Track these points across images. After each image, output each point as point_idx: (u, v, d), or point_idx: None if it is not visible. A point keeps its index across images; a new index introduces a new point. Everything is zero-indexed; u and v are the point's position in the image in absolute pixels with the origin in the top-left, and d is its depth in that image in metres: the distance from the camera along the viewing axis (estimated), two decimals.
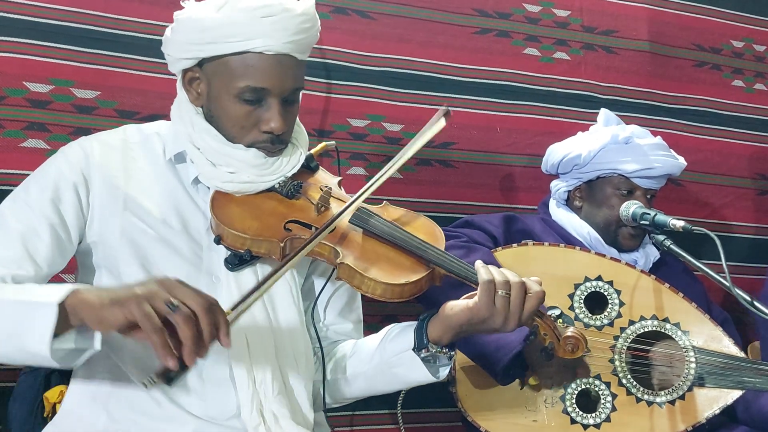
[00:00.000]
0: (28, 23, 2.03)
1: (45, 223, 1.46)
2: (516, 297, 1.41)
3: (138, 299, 1.17)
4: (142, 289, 1.19)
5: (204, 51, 1.49)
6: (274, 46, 1.46)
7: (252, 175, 1.52)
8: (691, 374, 1.91)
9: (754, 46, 2.92)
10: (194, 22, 1.49)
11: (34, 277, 1.44)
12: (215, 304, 1.22)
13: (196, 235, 1.53)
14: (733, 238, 2.78)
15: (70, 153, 1.54)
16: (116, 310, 1.18)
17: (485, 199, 2.49)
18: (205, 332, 1.18)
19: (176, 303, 1.17)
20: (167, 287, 1.20)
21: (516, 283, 1.42)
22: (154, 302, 1.17)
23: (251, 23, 1.45)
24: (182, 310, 1.17)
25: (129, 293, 1.19)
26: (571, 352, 1.47)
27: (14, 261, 1.42)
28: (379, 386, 1.59)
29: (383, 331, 1.58)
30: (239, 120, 1.51)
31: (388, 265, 1.48)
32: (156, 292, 1.18)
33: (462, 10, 2.52)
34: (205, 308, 1.19)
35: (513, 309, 1.41)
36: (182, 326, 1.17)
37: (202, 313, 1.18)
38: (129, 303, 1.17)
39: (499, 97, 2.53)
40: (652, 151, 2.19)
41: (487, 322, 1.43)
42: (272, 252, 1.48)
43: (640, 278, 2.01)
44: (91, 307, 1.20)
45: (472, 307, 1.43)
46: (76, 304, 1.21)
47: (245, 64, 1.47)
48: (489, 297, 1.41)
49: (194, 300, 1.19)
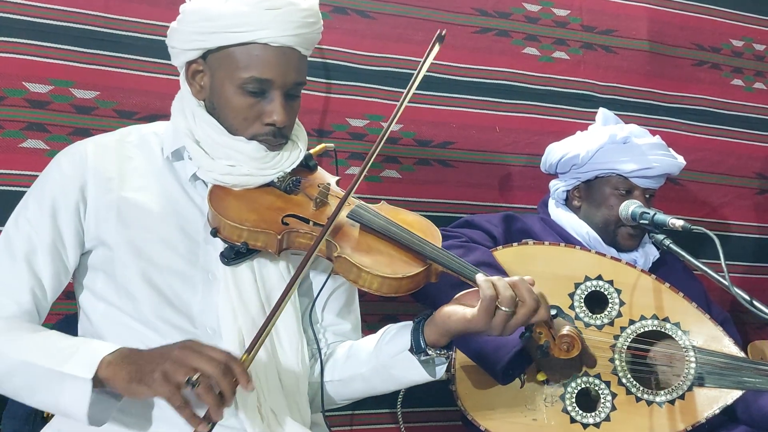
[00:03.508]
0: (28, 23, 2.03)
1: (47, 241, 1.48)
2: (520, 316, 1.41)
3: (161, 378, 1.24)
4: (163, 367, 1.25)
5: (209, 41, 1.50)
6: (279, 38, 1.48)
7: (252, 168, 1.53)
8: (691, 374, 1.91)
9: (754, 45, 2.92)
10: (200, 12, 1.50)
11: (44, 303, 1.50)
12: (230, 362, 1.27)
13: (192, 232, 1.53)
14: (733, 238, 2.78)
15: (65, 163, 1.54)
16: (144, 389, 1.26)
17: (484, 198, 2.50)
18: (226, 392, 1.25)
19: (194, 378, 1.23)
20: (182, 360, 1.25)
21: (528, 308, 1.40)
22: (176, 379, 1.24)
23: (257, 14, 1.47)
24: (201, 385, 1.23)
25: (152, 369, 1.25)
26: (566, 351, 1.47)
27: (27, 290, 1.47)
28: (376, 387, 1.59)
29: (379, 333, 1.58)
30: (242, 111, 1.51)
31: (385, 260, 1.48)
32: (173, 371, 1.24)
33: (461, 10, 2.52)
34: (222, 372, 1.24)
35: (513, 324, 1.42)
36: (205, 397, 1.24)
37: (220, 377, 1.24)
38: (153, 384, 1.24)
39: (499, 96, 2.53)
40: (651, 150, 2.19)
41: (484, 333, 1.44)
42: (269, 245, 1.49)
43: (640, 278, 2.00)
44: (121, 382, 1.28)
45: (470, 319, 1.42)
46: (108, 377, 1.29)
47: (250, 54, 1.48)
48: (488, 314, 1.40)
49: (210, 366, 1.24)
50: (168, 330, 1.47)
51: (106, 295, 1.50)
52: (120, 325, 1.48)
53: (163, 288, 1.49)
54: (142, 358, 1.29)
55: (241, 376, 1.26)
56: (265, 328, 1.34)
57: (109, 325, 1.49)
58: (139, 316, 1.48)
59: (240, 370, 1.27)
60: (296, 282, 1.39)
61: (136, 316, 1.48)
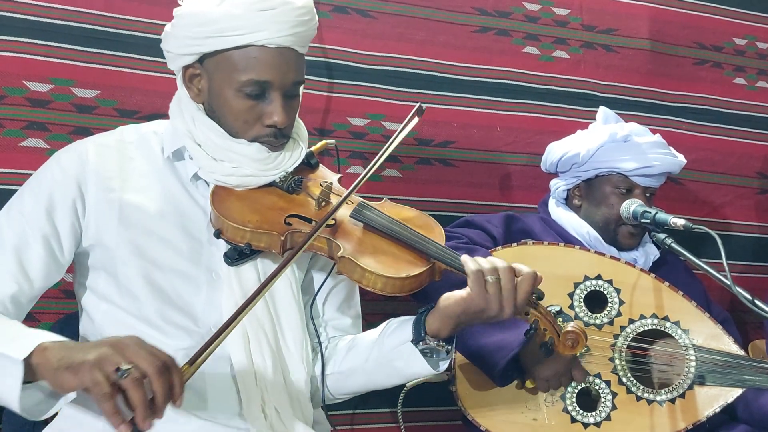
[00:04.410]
0: (28, 23, 2.04)
1: (39, 234, 1.47)
2: (506, 281, 1.41)
3: (90, 365, 1.15)
4: (95, 354, 1.16)
5: (205, 46, 1.49)
6: (275, 38, 1.47)
7: (254, 168, 1.53)
8: (692, 372, 1.91)
9: (756, 44, 2.91)
10: (195, 16, 1.48)
11: (28, 293, 1.46)
12: (170, 364, 1.18)
13: (195, 231, 1.53)
14: (734, 237, 2.77)
15: (65, 159, 1.53)
16: (70, 376, 1.17)
17: (485, 197, 2.49)
18: (158, 395, 1.15)
19: (126, 368, 1.14)
20: (120, 349, 1.17)
21: (504, 267, 1.42)
22: (105, 367, 1.14)
23: (252, 16, 1.45)
24: (132, 375, 1.14)
25: (83, 357, 1.16)
26: (572, 347, 1.46)
27: (10, 277, 1.44)
28: (378, 380, 1.58)
29: (381, 326, 1.58)
30: (242, 114, 1.51)
31: (388, 259, 1.47)
32: (108, 356, 1.16)
33: (462, 9, 2.52)
34: (159, 370, 1.15)
35: (506, 294, 1.41)
36: (131, 391, 1.14)
37: (155, 376, 1.15)
38: (81, 369, 1.15)
39: (499, 95, 2.53)
40: (651, 149, 2.19)
41: (484, 311, 1.42)
42: (272, 246, 1.48)
43: (639, 277, 2.01)
44: (50, 369, 1.19)
45: (465, 297, 1.42)
46: (40, 362, 1.21)
47: (247, 57, 1.47)
48: (480, 285, 1.40)
49: (147, 362, 1.15)
50: (171, 329, 1.47)
51: (109, 295, 1.50)
52: (122, 325, 1.47)
53: (165, 288, 1.49)
54: (79, 347, 1.22)
55: (177, 385, 1.17)
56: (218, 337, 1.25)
57: (111, 325, 1.49)
58: (142, 316, 1.48)
59: (178, 377, 1.17)
60: (268, 285, 1.33)
61: (138, 316, 1.48)
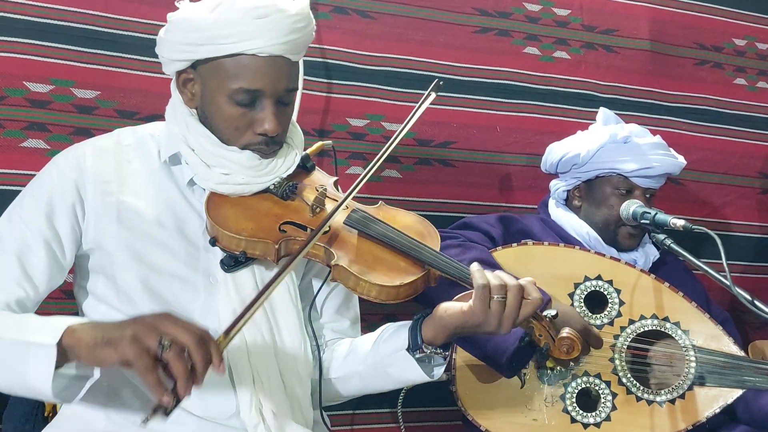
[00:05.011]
0: (28, 23, 2.04)
1: (40, 239, 1.47)
2: (512, 301, 1.41)
3: (130, 339, 1.18)
4: (134, 329, 1.20)
5: (197, 52, 1.48)
6: (267, 47, 1.45)
7: (247, 176, 1.52)
8: (692, 373, 1.91)
9: (757, 44, 2.91)
10: (188, 23, 1.48)
11: (33, 297, 1.47)
12: (206, 336, 1.22)
13: (192, 236, 1.53)
14: (734, 237, 2.77)
15: (63, 164, 1.54)
16: (110, 351, 1.20)
17: (485, 198, 2.49)
18: (198, 365, 1.19)
19: (166, 341, 1.18)
20: (158, 323, 1.20)
21: (513, 286, 1.41)
22: (146, 341, 1.18)
23: (244, 24, 1.44)
24: (173, 348, 1.18)
25: (121, 333, 1.20)
26: (567, 353, 1.47)
27: (14, 283, 1.44)
28: (373, 385, 1.59)
29: (378, 331, 1.58)
30: (233, 121, 1.50)
31: (383, 267, 1.47)
32: (147, 331, 1.19)
33: (462, 9, 2.52)
34: (197, 342, 1.19)
35: (508, 313, 1.41)
36: (174, 363, 1.18)
37: (194, 347, 1.19)
38: (121, 343, 1.18)
39: (499, 96, 2.53)
40: (651, 150, 2.18)
41: (481, 326, 1.43)
42: (267, 253, 1.48)
43: (639, 277, 2.00)
44: (86, 347, 1.22)
45: (466, 311, 1.43)
46: (73, 343, 1.23)
47: (239, 65, 1.46)
48: (484, 302, 1.40)
49: (185, 335, 1.19)
50: None
51: (107, 298, 1.50)
52: None
53: (163, 293, 1.49)
54: (111, 325, 1.25)
55: (215, 354, 1.21)
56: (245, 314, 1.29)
57: None
58: None
59: (215, 347, 1.22)
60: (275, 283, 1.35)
61: None
